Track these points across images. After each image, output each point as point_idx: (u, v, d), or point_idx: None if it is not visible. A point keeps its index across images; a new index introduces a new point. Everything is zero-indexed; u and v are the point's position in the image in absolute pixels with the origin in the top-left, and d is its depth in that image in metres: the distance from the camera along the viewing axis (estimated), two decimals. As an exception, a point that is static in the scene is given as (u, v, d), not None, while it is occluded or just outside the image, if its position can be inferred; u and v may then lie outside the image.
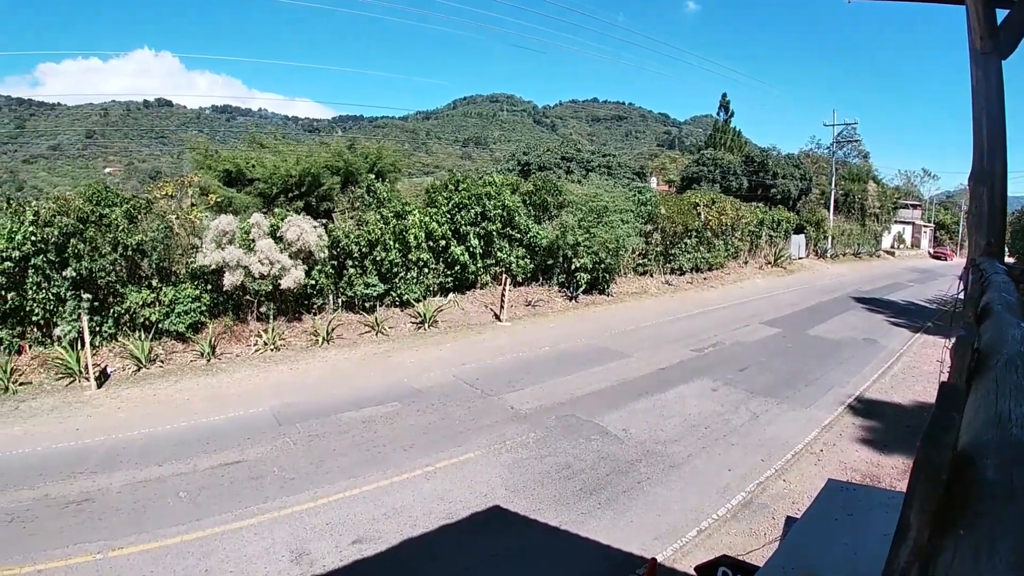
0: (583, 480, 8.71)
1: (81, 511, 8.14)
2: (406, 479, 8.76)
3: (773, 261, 35.19)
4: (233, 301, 16.59)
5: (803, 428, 10.99)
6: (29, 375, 13.77)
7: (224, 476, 9.04)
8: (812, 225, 42.41)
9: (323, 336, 16.50)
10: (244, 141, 25.54)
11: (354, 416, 11.19)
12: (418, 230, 18.86)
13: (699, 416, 11.28)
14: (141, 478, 9.03)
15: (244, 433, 10.61)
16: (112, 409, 12.09)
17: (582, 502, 8.11)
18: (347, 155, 20.75)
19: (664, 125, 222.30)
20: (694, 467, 9.25)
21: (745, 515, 8.07)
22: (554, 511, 7.91)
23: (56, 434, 10.86)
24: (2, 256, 13.48)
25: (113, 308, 15.01)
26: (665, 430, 10.58)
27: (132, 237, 14.93)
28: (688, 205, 29.28)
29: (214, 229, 15.54)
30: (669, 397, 12.23)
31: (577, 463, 9.24)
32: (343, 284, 18.15)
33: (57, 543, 7.35)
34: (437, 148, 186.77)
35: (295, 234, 16.21)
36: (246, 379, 13.95)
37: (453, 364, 14.66)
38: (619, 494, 8.37)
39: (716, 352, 16.18)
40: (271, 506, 8.09)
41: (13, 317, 14.25)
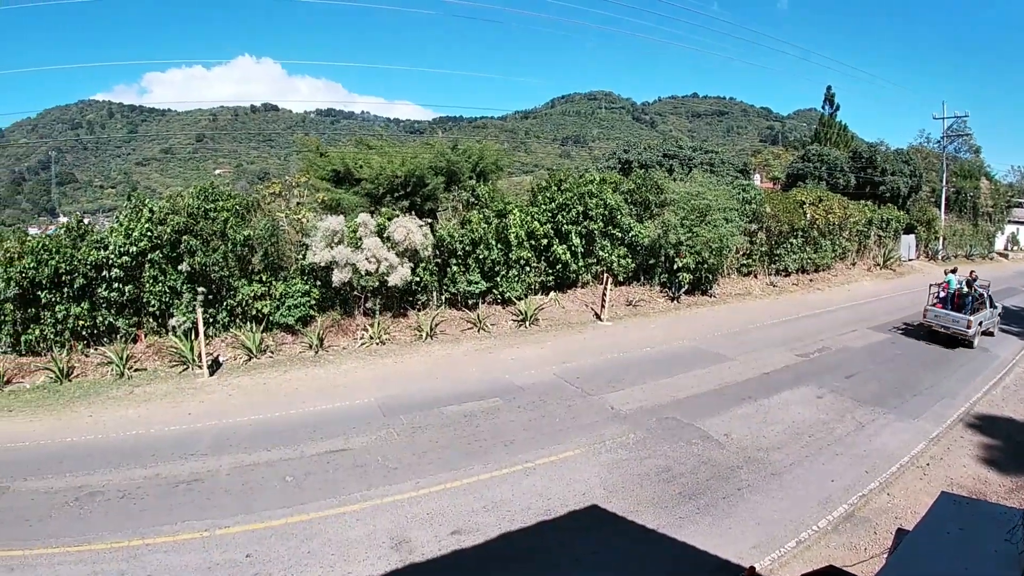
0: (682, 484, 9.89)
1: (191, 491, 10.03)
2: (506, 474, 10.20)
3: (882, 263, 38.19)
4: (341, 296, 19.55)
5: (910, 440, 12.02)
6: (144, 362, 17.09)
7: (329, 463, 10.79)
8: (922, 225, 45.86)
9: (427, 331, 19.26)
10: (351, 143, 30.02)
11: (456, 410, 13.10)
12: (520, 229, 21.73)
13: (803, 424, 12.59)
14: (249, 462, 10.95)
15: (349, 422, 12.56)
16: (223, 396, 14.70)
17: (680, 506, 9.21)
18: (450, 155, 24.01)
19: (766, 120, 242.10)
20: (796, 476, 10.31)
21: (846, 528, 8.91)
22: (652, 513, 8.99)
23: (169, 418, 13.38)
24: (120, 251, 17.01)
25: (226, 301, 18.25)
26: (768, 437, 11.87)
27: (240, 232, 17.98)
28: (794, 203, 32.27)
29: (323, 229, 18.33)
30: (773, 403, 13.74)
31: (677, 466, 10.51)
32: (447, 281, 21.19)
33: (166, 519, 9.11)
34: (536, 147, 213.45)
35: (402, 233, 19.06)
36: (352, 371, 16.48)
37: (554, 362, 16.85)
38: (718, 500, 9.43)
39: (822, 357, 17.89)
40: (374, 494, 9.63)
41: (130, 308, 17.82)
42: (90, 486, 10.56)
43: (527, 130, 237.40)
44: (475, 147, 25.85)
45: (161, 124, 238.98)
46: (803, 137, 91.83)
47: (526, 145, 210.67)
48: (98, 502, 10.00)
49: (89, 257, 17.13)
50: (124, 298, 17.62)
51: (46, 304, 17.23)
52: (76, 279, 17.11)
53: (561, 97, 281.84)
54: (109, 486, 10.48)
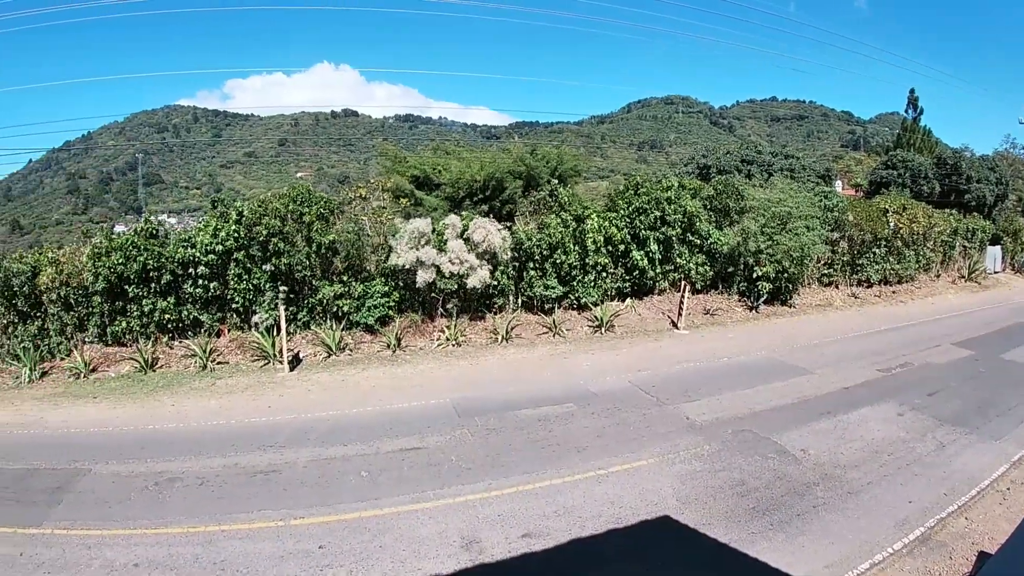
0: (756, 498, 10.15)
1: (268, 481, 10.85)
2: (578, 480, 10.69)
3: (967, 275, 37.56)
4: (419, 298, 20.85)
5: (991, 463, 11.92)
6: (227, 356, 18.88)
7: (404, 460, 11.55)
8: (1008, 235, 44.84)
9: (502, 334, 20.30)
10: (431, 148, 31.99)
11: (530, 414, 13.77)
12: (597, 234, 22.64)
13: (882, 441, 12.68)
14: (326, 455, 11.81)
15: (425, 422, 13.43)
16: (303, 391, 15.98)
17: (753, 521, 9.46)
18: (529, 160, 25.18)
19: (847, 124, 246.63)
20: (873, 496, 10.42)
21: (922, 552, 8.95)
22: (724, 527, 9.26)
23: (249, 410, 14.65)
24: (207, 249, 18.80)
25: (307, 300, 19.84)
26: (845, 454, 12.03)
27: (326, 236, 19.58)
28: (877, 211, 32.33)
29: (409, 231, 19.68)
30: (852, 419, 13.87)
31: (751, 480, 10.79)
32: (523, 285, 22.28)
33: (243, 508, 9.91)
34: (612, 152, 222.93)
35: (481, 235, 20.20)
36: (428, 371, 17.60)
37: (629, 370, 17.41)
38: (792, 517, 9.63)
39: (904, 373, 17.84)
40: (447, 493, 10.23)
41: (215, 304, 19.66)
42: (169, 472, 11.58)
43: (603, 135, 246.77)
44: (553, 152, 27.03)
45: (244, 128, 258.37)
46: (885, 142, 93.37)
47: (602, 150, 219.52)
48: (177, 488, 10.95)
49: (177, 255, 18.98)
50: (209, 294, 19.44)
51: (133, 298, 19.15)
52: (164, 275, 18.98)
53: (637, 101, 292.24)
54: (188, 473, 11.46)
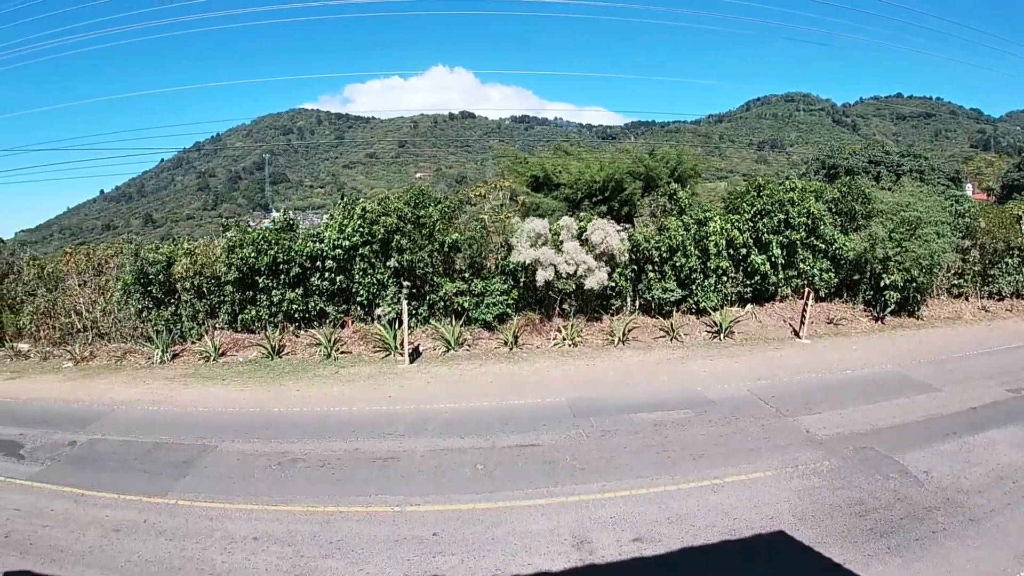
0: (874, 520, 9.70)
1: (386, 467, 11.31)
2: (693, 487, 10.51)
3: None
4: (537, 297, 21.18)
5: None
6: (350, 346, 19.91)
7: (519, 456, 11.72)
8: None
9: (619, 337, 20.25)
10: (550, 148, 32.33)
11: (646, 418, 13.65)
12: (719, 237, 22.14)
13: (1009, 467, 11.89)
14: (443, 447, 12.17)
15: (540, 420, 13.57)
16: (422, 383, 16.57)
17: (870, 543, 9.06)
18: (648, 161, 25.06)
19: (976, 122, 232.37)
20: (995, 524, 9.79)
21: None
22: (839, 547, 8.91)
23: (370, 398, 15.34)
24: (334, 244, 19.97)
25: (428, 295, 20.57)
26: (969, 478, 11.33)
27: (449, 235, 20.32)
28: (1010, 218, 30.27)
29: (528, 231, 20.05)
30: (978, 441, 13.02)
31: (870, 500, 10.32)
32: (641, 287, 22.13)
33: (360, 492, 10.36)
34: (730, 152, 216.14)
35: (600, 237, 20.25)
36: (544, 370, 17.80)
37: (748, 378, 16.96)
38: (910, 541, 9.17)
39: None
40: (560, 491, 10.30)
41: (340, 296, 20.84)
42: (292, 453, 12.24)
43: (721, 134, 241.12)
44: (672, 152, 26.81)
45: (366, 130, 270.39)
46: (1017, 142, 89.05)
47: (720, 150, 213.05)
48: (299, 468, 11.56)
49: (305, 249, 20.25)
50: (335, 287, 20.65)
51: (263, 288, 20.62)
52: (292, 268, 20.32)
53: (756, 99, 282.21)
54: (310, 455, 12.08)
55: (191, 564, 8.79)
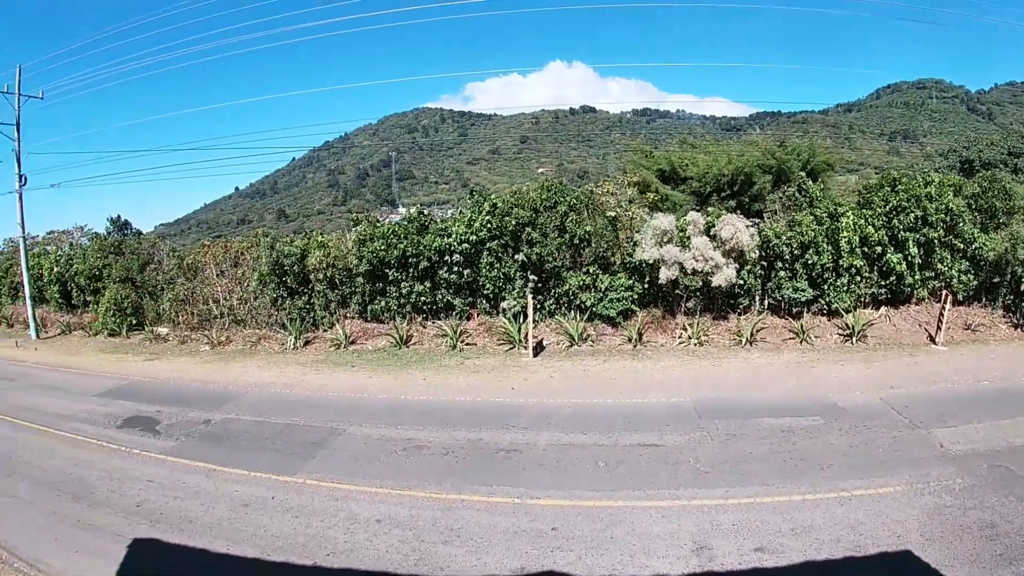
0: (1005, 544, 8.93)
1: (508, 459, 11.36)
2: (819, 499, 9.97)
3: None
4: (662, 294, 20.77)
5: None
6: (475, 338, 20.34)
7: (642, 455, 11.49)
8: None
9: (746, 337, 19.52)
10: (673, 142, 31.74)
11: (772, 423, 13.09)
12: (852, 233, 20.78)
13: None
14: (566, 441, 12.10)
15: (664, 419, 13.28)
16: (545, 377, 16.59)
17: (999, 568, 8.36)
18: (778, 153, 24.15)
19: None
20: None
21: None
22: (967, 571, 8.25)
23: (494, 390, 15.54)
24: (461, 239, 20.42)
25: (554, 290, 20.66)
26: None
27: (581, 228, 20.25)
28: None
29: (653, 227, 19.68)
30: None
31: (1003, 523, 9.46)
32: (771, 286, 21.15)
33: (482, 481, 10.44)
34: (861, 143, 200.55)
35: (729, 233, 19.53)
36: (669, 368, 17.40)
37: (880, 386, 15.87)
38: None
39: None
40: (682, 494, 10.00)
41: (467, 289, 21.29)
42: (417, 440, 12.56)
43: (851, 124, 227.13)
44: (803, 145, 25.93)
45: (488, 127, 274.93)
46: None
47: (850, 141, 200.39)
48: (423, 455, 11.83)
49: (434, 244, 20.85)
50: (462, 281, 21.11)
51: (392, 281, 21.52)
52: (421, 262, 21.02)
53: (886, 86, 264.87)
54: (434, 443, 12.34)
55: (315, 541, 9.11)
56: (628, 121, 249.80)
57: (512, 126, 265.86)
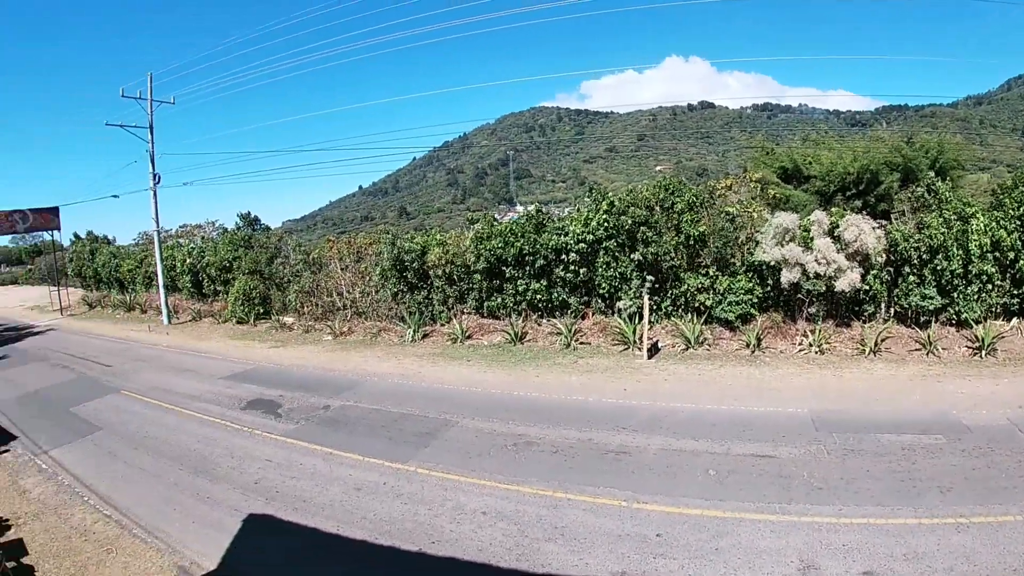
0: None
1: (617, 461, 11.26)
2: (935, 524, 9.28)
3: None
4: (783, 297, 19.95)
5: None
6: (589, 337, 20.23)
7: (754, 466, 11.09)
8: None
9: (870, 346, 18.28)
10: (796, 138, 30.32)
11: (893, 440, 12.32)
12: (983, 236, 19.13)
13: None
14: (676, 447, 11.84)
15: (779, 430, 12.77)
16: (659, 380, 16.31)
17: None
18: (905, 150, 22.70)
19: None
20: None
21: None
22: None
23: (606, 391, 15.42)
24: (578, 238, 20.42)
25: (671, 291, 20.29)
26: None
27: (696, 227, 19.78)
28: None
29: (775, 226, 18.93)
30: None
31: None
32: (897, 293, 19.78)
33: (590, 482, 10.38)
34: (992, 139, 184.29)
35: (853, 234, 18.46)
36: (787, 376, 16.70)
37: (1009, 404, 14.60)
38: None
39: None
40: (793, 509, 9.59)
41: (582, 288, 21.27)
42: (527, 436, 12.66)
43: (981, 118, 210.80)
44: (932, 141, 24.29)
45: (604, 125, 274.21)
46: None
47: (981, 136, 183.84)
48: (532, 451, 11.90)
49: (551, 242, 21.00)
50: (578, 279, 21.10)
51: (509, 278, 21.87)
52: (537, 260, 21.25)
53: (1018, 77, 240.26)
54: (544, 440, 12.40)
55: (421, 529, 9.35)
56: (748, 116, 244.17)
57: (629, 123, 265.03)
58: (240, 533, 9.90)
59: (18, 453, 14.87)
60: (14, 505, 11.98)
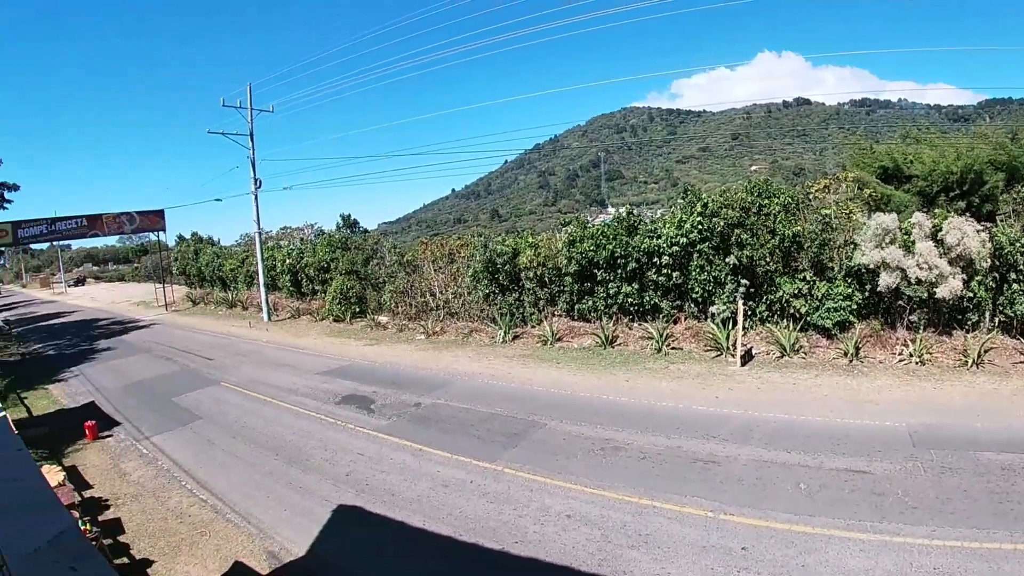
0: None
1: (706, 470, 11.06)
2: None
3: None
4: (883, 304, 18.98)
5: None
6: (681, 343, 19.98)
7: (846, 482, 10.70)
8: None
9: (972, 358, 17.18)
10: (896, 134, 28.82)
11: (993, 459, 11.59)
12: None
13: None
14: (767, 458, 11.55)
15: (875, 444, 12.27)
16: (752, 388, 15.93)
17: None
18: (1010, 148, 21.31)
19: None
20: None
21: None
22: None
23: (697, 398, 15.19)
24: (671, 241, 20.16)
25: (766, 296, 19.73)
26: None
27: (790, 228, 19.20)
28: None
29: (874, 227, 18.04)
30: None
31: None
32: (1002, 301, 18.49)
33: (677, 490, 10.26)
34: None
35: (955, 238, 17.43)
36: (885, 388, 15.96)
37: None
38: None
39: None
40: (885, 528, 9.18)
41: (674, 292, 20.95)
42: (615, 441, 12.63)
43: None
44: None
45: (697, 125, 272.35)
46: None
47: None
48: (620, 457, 11.84)
49: (643, 245, 20.85)
50: (670, 283, 20.86)
51: (600, 281, 21.85)
52: (629, 263, 21.12)
53: None
54: (632, 446, 12.33)
55: (505, 528, 9.49)
56: (846, 113, 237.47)
57: (722, 122, 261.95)
58: (329, 523, 10.30)
59: (121, 438, 15.96)
60: (115, 486, 12.87)
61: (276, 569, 9.20)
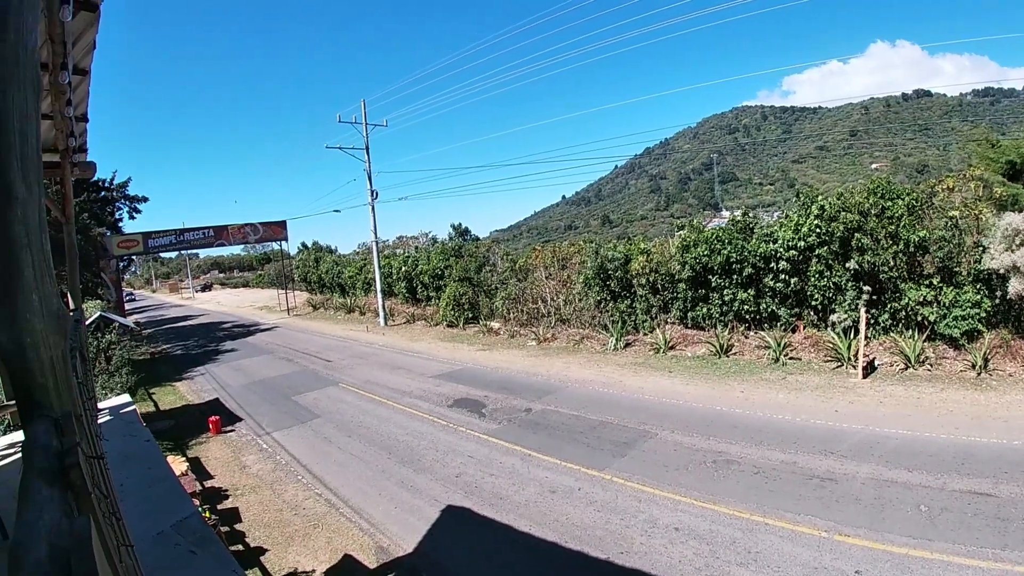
0: None
1: (822, 488, 10.68)
2: None
3: None
4: (1013, 312, 17.57)
5: None
6: (799, 352, 19.25)
7: (969, 505, 10.07)
8: None
9: None
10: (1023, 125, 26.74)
11: None
12: None
13: None
14: (887, 477, 11.06)
15: (1001, 464, 11.45)
16: (874, 402, 15.25)
17: None
18: None
19: None
20: None
21: None
22: None
23: (815, 411, 14.68)
24: (788, 245, 19.51)
25: (889, 303, 18.69)
26: None
27: (915, 232, 18.06)
28: None
29: (1003, 228, 16.79)
30: None
31: None
32: None
33: (790, 507, 9.97)
34: None
35: None
36: (1015, 403, 14.86)
37: None
38: None
39: None
40: (1007, 556, 8.60)
41: (792, 299, 20.29)
42: (728, 454, 12.40)
43: None
44: None
45: (812, 122, 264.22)
46: None
47: None
48: (732, 470, 11.63)
49: (759, 249, 20.34)
50: (788, 289, 20.21)
51: (715, 287, 21.47)
52: (745, 268, 20.67)
53: None
54: (745, 459, 12.08)
55: (612, 537, 9.52)
56: (968, 104, 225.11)
57: (839, 118, 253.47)
58: (437, 523, 10.62)
59: (242, 433, 17.02)
60: (234, 478, 13.72)
61: (383, 564, 9.57)
